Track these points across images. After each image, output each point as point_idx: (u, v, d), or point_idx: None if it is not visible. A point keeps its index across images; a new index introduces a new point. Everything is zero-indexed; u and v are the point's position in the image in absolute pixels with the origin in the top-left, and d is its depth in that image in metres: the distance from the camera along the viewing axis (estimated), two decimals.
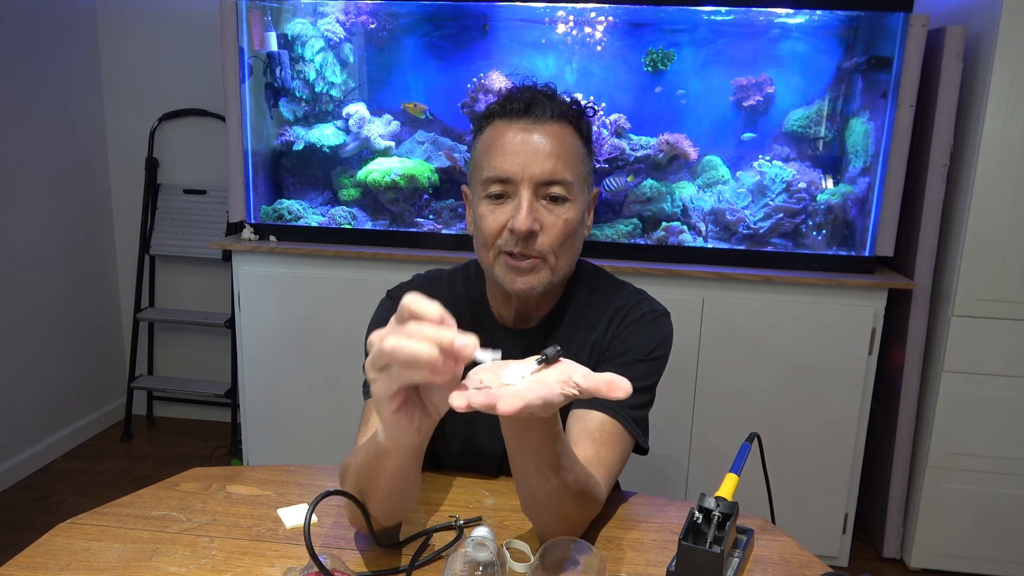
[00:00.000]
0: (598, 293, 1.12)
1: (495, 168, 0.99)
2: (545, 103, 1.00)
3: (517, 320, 1.11)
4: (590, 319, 1.10)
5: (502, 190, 0.99)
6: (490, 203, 1.01)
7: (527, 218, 0.97)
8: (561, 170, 0.98)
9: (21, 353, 2.66)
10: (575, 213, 1.01)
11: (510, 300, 1.09)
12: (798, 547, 0.96)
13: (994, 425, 2.11)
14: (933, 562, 2.24)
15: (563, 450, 0.83)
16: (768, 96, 2.25)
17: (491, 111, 1.03)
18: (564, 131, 1.00)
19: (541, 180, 0.98)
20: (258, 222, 2.37)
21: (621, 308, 1.10)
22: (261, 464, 1.85)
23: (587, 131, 1.05)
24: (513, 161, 0.98)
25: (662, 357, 1.09)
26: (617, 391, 0.66)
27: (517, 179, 0.98)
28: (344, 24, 2.36)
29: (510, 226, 0.98)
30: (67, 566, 0.88)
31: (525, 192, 0.98)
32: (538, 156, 0.98)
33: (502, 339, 1.10)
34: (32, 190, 2.67)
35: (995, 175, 2.00)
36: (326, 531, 0.96)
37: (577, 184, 1.01)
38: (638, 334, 1.08)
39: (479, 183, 1.02)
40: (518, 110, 1.00)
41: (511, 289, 1.02)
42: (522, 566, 0.88)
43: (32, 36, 2.62)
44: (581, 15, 2.25)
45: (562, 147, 0.99)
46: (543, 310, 1.11)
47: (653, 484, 2.26)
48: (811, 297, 2.11)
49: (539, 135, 0.99)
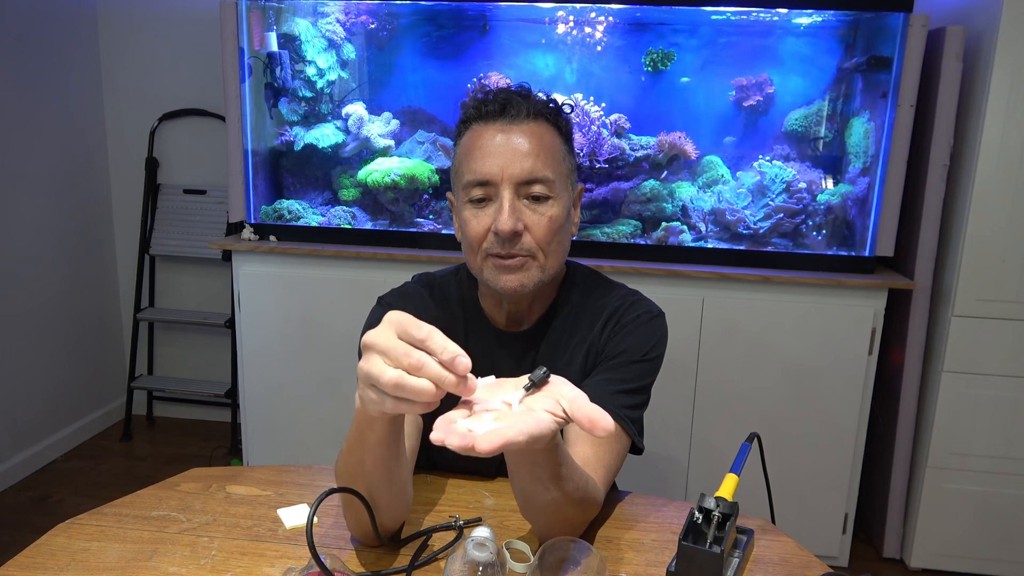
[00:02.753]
0: (592, 295, 1.12)
1: (475, 171, 0.98)
2: (520, 103, 1.00)
3: (510, 323, 1.10)
4: (584, 321, 1.10)
5: (484, 193, 0.99)
6: (473, 207, 1.00)
7: (510, 219, 0.96)
8: (541, 168, 0.98)
9: (21, 353, 2.66)
10: (559, 210, 1.00)
11: (502, 303, 1.08)
12: (798, 547, 0.96)
13: (994, 425, 2.11)
14: (933, 562, 2.24)
15: (562, 459, 0.82)
16: (768, 96, 2.25)
17: (467, 116, 1.03)
18: (542, 129, 1.00)
19: (521, 179, 0.97)
20: (258, 222, 2.37)
21: (616, 310, 1.09)
22: (261, 464, 1.85)
23: (566, 128, 1.05)
24: (492, 163, 0.97)
25: (657, 358, 1.09)
26: (597, 430, 0.65)
27: (497, 180, 0.97)
28: (344, 24, 2.36)
29: (494, 228, 0.98)
30: (67, 566, 0.88)
31: (506, 193, 0.97)
32: (516, 156, 0.97)
33: (495, 342, 1.10)
34: (32, 190, 2.67)
35: (995, 175, 2.00)
36: (326, 531, 0.96)
37: (559, 181, 1.00)
38: (633, 335, 1.07)
39: (461, 188, 1.02)
40: (493, 112, 1.00)
41: (501, 289, 1.01)
42: (522, 566, 0.88)
43: (32, 36, 2.62)
44: (581, 15, 2.25)
45: (540, 145, 0.98)
46: (536, 313, 1.10)
47: (653, 484, 2.26)
48: (811, 297, 2.11)
49: (516, 135, 0.98)
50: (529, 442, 0.63)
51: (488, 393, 0.69)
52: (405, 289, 1.15)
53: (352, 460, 0.83)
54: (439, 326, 0.79)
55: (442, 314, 1.11)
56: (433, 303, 1.12)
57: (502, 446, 0.61)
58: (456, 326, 1.11)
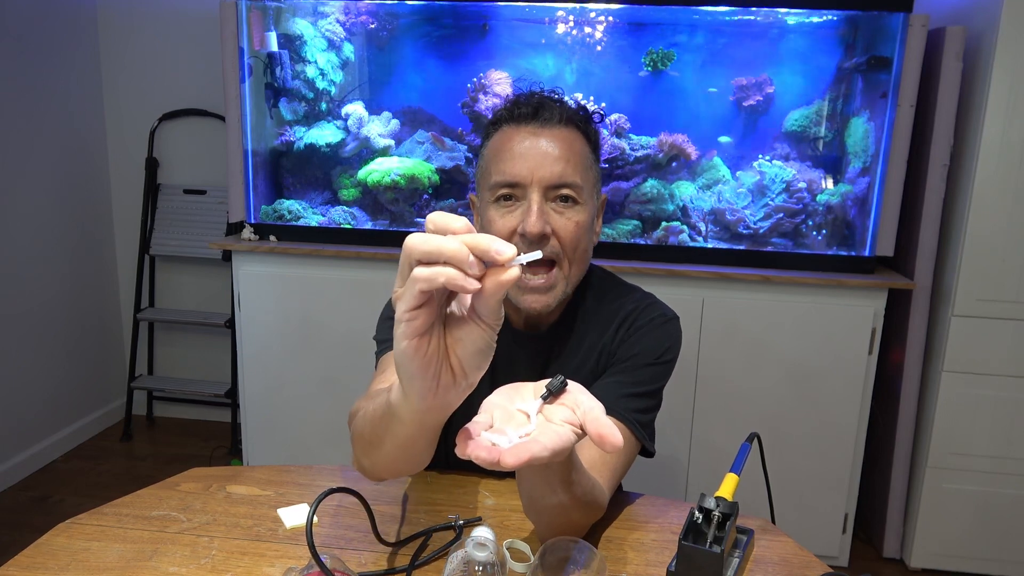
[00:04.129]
0: (607, 297, 1.12)
1: (504, 172, 0.98)
2: (553, 107, 1.00)
3: (528, 325, 1.10)
4: (599, 324, 1.10)
5: (511, 193, 0.99)
6: (499, 207, 1.00)
7: (538, 220, 0.96)
8: (571, 173, 0.98)
9: (21, 353, 2.66)
10: (585, 216, 1.00)
11: (519, 309, 1.08)
12: (798, 547, 0.96)
13: (994, 425, 2.11)
14: (933, 562, 2.24)
15: (573, 465, 0.81)
16: (768, 96, 2.25)
17: (499, 117, 1.03)
18: (572, 136, 1.00)
19: (551, 183, 0.97)
20: (258, 222, 2.37)
21: (630, 313, 1.09)
22: (261, 464, 1.85)
23: (595, 137, 1.05)
24: (523, 165, 0.97)
25: (670, 362, 1.08)
26: (607, 445, 0.63)
27: (526, 182, 0.97)
28: (344, 24, 2.36)
29: (520, 230, 0.97)
30: (67, 566, 0.88)
31: (535, 195, 0.97)
32: (547, 159, 0.97)
33: (513, 342, 1.10)
34: (32, 190, 2.67)
35: (995, 175, 2.00)
36: (326, 531, 0.96)
37: (586, 188, 1.00)
38: (647, 338, 1.07)
39: (487, 188, 1.01)
40: (526, 115, 1.00)
41: (525, 308, 1.01)
42: (522, 566, 0.88)
43: (32, 36, 2.62)
44: (581, 15, 2.25)
45: (571, 151, 0.99)
46: (552, 316, 1.10)
47: (653, 484, 2.26)
48: (811, 297, 2.11)
49: (548, 139, 0.98)
50: (552, 456, 0.62)
51: (506, 399, 0.68)
52: None
53: (372, 429, 0.78)
54: None
55: None
56: None
57: (528, 460, 0.60)
58: None
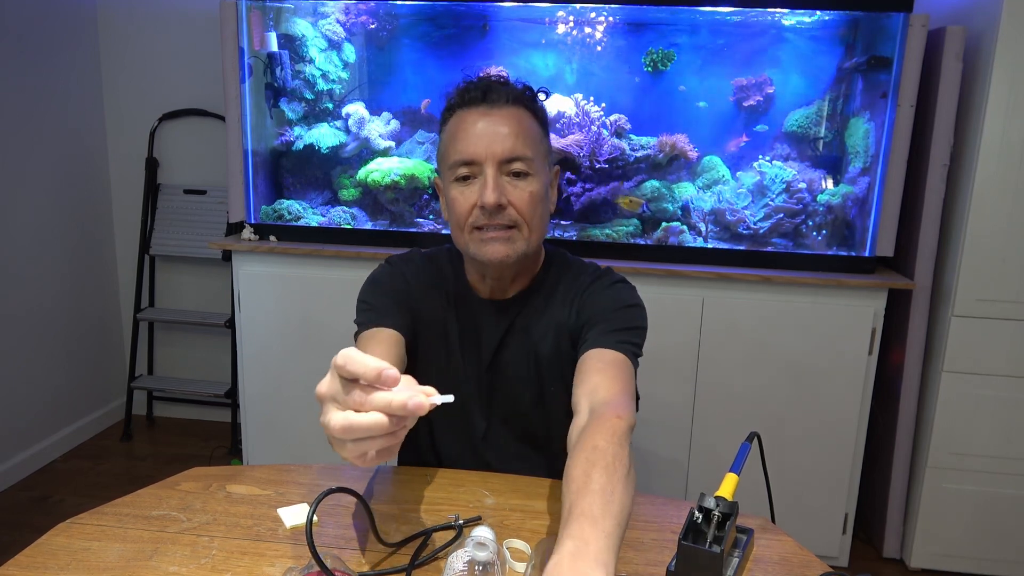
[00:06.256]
0: (563, 278, 1.20)
1: (460, 152, 1.07)
2: (500, 89, 1.10)
3: (493, 293, 1.19)
4: (556, 302, 1.18)
5: (469, 172, 1.08)
6: (459, 185, 1.09)
7: (494, 192, 1.05)
8: (521, 147, 1.07)
9: (21, 353, 2.66)
10: (538, 186, 1.09)
11: (484, 278, 1.17)
12: (798, 547, 0.96)
13: (994, 425, 2.11)
14: (933, 562, 2.24)
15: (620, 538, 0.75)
16: (768, 96, 2.25)
17: (451, 103, 1.13)
18: (520, 113, 1.10)
19: (503, 158, 1.06)
20: (258, 222, 2.37)
21: (581, 286, 1.18)
22: (261, 464, 1.85)
23: (541, 114, 1.15)
24: (477, 143, 1.06)
25: (639, 307, 1.15)
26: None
27: (481, 159, 1.06)
28: (344, 24, 2.36)
29: (479, 202, 1.06)
30: (67, 566, 0.88)
31: (490, 170, 1.06)
32: (498, 136, 1.06)
33: (481, 310, 1.19)
34: (32, 190, 2.67)
35: (995, 175, 2.00)
36: (326, 531, 0.96)
37: (537, 160, 1.09)
38: (606, 293, 1.15)
39: (447, 169, 1.11)
40: (476, 98, 1.09)
41: (487, 260, 1.08)
42: (522, 566, 0.88)
43: (32, 36, 2.62)
44: (581, 15, 2.25)
45: (520, 127, 1.08)
46: (517, 287, 1.18)
47: (653, 484, 2.26)
48: (811, 297, 2.11)
49: (497, 118, 1.08)
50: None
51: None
52: (411, 255, 1.24)
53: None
54: (431, 292, 1.12)
55: (435, 281, 1.21)
56: (431, 269, 1.22)
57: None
58: (446, 296, 1.20)
